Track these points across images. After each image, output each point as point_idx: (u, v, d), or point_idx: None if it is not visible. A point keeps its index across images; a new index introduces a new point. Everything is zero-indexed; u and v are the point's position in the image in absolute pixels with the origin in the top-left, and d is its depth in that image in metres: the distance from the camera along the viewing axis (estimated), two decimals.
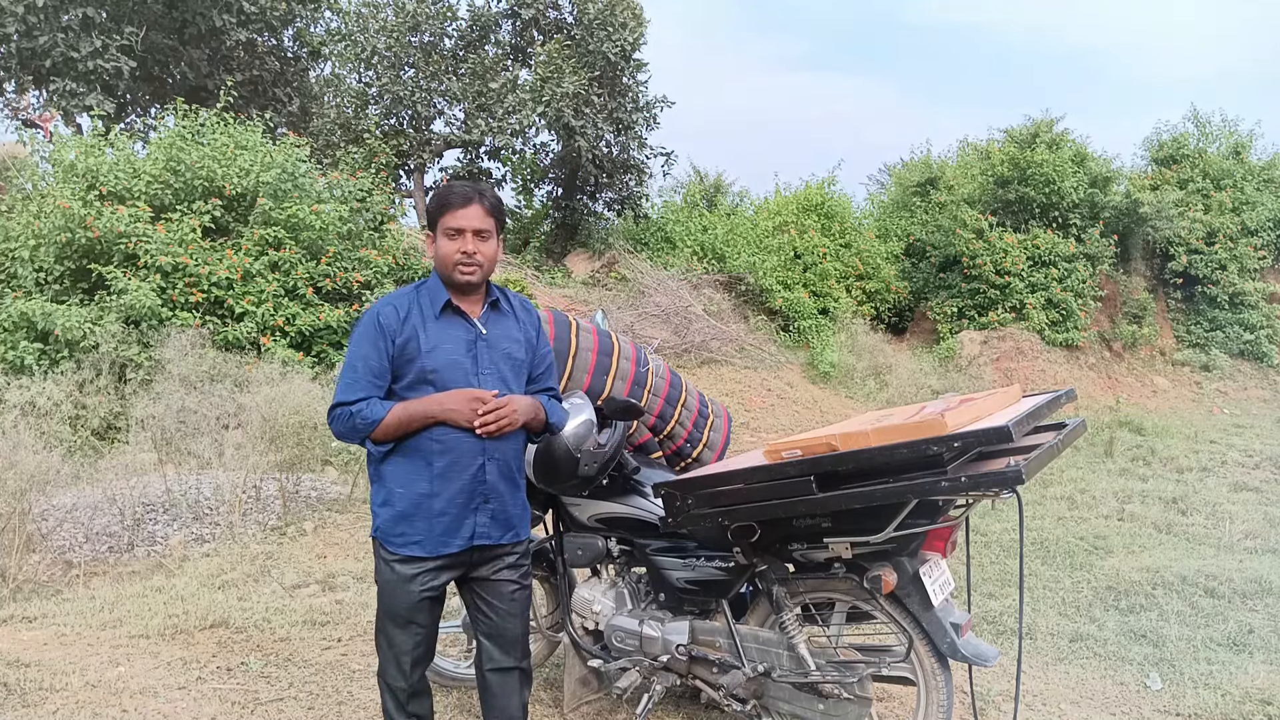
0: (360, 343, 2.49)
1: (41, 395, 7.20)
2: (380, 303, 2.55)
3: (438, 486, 2.47)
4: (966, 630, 2.78)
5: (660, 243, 14.32)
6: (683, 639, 3.05)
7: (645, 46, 14.26)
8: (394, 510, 2.51)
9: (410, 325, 2.48)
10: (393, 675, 2.61)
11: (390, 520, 2.52)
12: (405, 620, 2.56)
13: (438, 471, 2.47)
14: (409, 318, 2.49)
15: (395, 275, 10.56)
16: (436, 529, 2.50)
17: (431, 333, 2.49)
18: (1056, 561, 5.65)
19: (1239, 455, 9.52)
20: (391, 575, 2.53)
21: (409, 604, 2.54)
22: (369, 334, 2.48)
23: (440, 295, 2.52)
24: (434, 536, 2.50)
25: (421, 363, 2.46)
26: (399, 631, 2.57)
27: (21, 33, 12.31)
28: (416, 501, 2.49)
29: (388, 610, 2.57)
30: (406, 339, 2.47)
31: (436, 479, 2.47)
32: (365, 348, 2.48)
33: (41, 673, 3.73)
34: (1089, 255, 14.84)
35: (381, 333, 2.47)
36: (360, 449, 7.08)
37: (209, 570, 5.22)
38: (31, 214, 8.95)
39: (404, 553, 2.51)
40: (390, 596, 2.55)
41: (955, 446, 2.40)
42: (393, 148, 13.60)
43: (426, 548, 2.51)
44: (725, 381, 10.58)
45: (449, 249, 2.48)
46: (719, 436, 3.58)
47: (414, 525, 2.50)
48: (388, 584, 2.55)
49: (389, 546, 2.53)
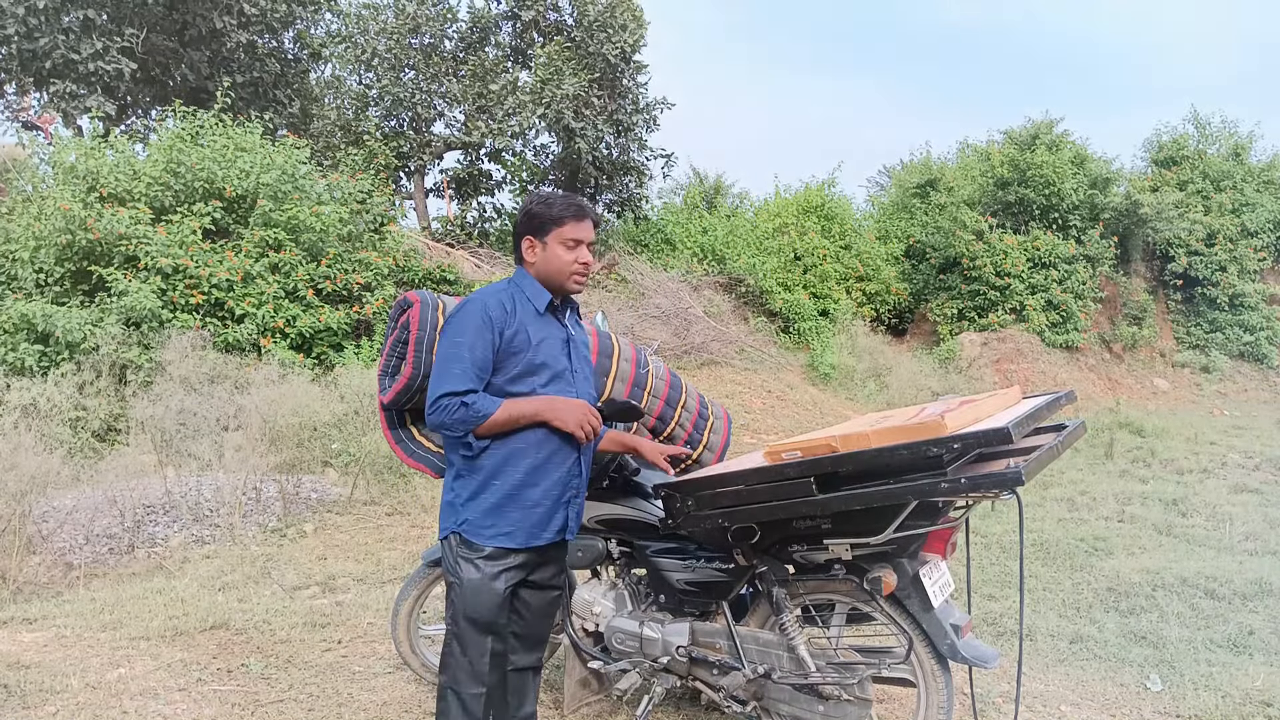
0: (466, 333, 2.42)
1: (42, 397, 7.20)
2: (483, 295, 2.50)
3: (537, 477, 2.48)
4: (966, 632, 2.78)
5: (660, 244, 14.33)
6: (683, 640, 3.05)
7: (645, 48, 14.30)
8: (487, 501, 2.46)
9: (519, 319, 2.48)
10: (468, 683, 2.50)
11: (482, 512, 2.46)
12: (488, 621, 2.49)
13: (538, 462, 2.48)
14: (515, 312, 2.48)
15: (395, 277, 10.57)
16: (530, 519, 2.48)
17: (537, 328, 2.51)
18: (1056, 563, 5.64)
19: (1239, 457, 9.51)
20: (475, 574, 2.46)
21: (494, 602, 2.48)
22: (475, 325, 2.42)
23: (543, 295, 2.54)
24: (527, 527, 2.48)
25: (530, 356, 2.47)
26: (479, 635, 2.49)
27: (22, 34, 12.32)
28: (512, 492, 2.46)
29: (469, 613, 2.48)
30: (515, 332, 2.46)
31: (536, 470, 2.48)
32: (472, 338, 2.42)
33: (42, 674, 3.73)
34: (1089, 257, 14.86)
35: (490, 325, 2.43)
36: (359, 451, 7.09)
37: (209, 572, 5.22)
38: (32, 216, 8.95)
39: (494, 545, 2.46)
40: (474, 596, 2.47)
41: (955, 448, 2.40)
42: (393, 149, 13.62)
43: (518, 539, 2.48)
44: (725, 383, 10.58)
45: (567, 258, 2.51)
46: (719, 438, 3.57)
47: (507, 516, 2.46)
48: (471, 584, 2.47)
49: (477, 540, 2.47)
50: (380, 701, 3.58)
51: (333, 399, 7.67)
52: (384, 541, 5.88)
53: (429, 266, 11.35)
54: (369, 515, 6.43)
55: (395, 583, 5.02)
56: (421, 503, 6.69)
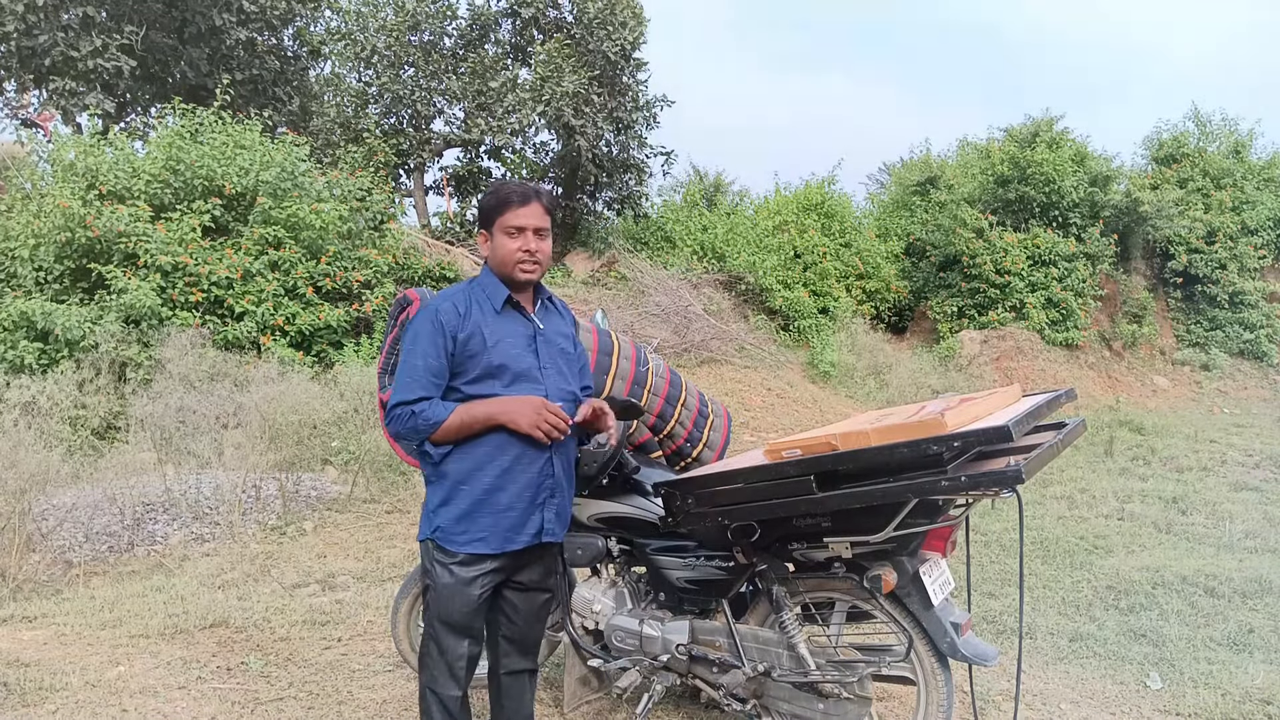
0: (419, 340, 2.41)
1: (42, 395, 7.20)
2: (436, 300, 2.48)
3: (504, 480, 2.43)
4: (966, 630, 2.78)
5: (660, 242, 14.31)
6: (683, 638, 3.05)
7: (645, 45, 14.27)
8: (458, 508, 2.43)
9: (472, 321, 2.43)
10: (445, 684, 2.50)
11: (452, 519, 2.44)
12: (464, 625, 2.48)
13: (505, 465, 2.43)
14: (470, 314, 2.44)
15: (395, 274, 10.56)
16: (503, 524, 2.45)
17: (494, 328, 2.45)
18: (1056, 561, 5.65)
19: (1239, 454, 9.51)
20: (449, 579, 2.45)
21: (469, 608, 2.46)
22: (427, 332, 2.41)
23: (500, 291, 2.49)
24: (500, 532, 2.45)
25: (487, 358, 2.42)
26: (455, 638, 2.49)
27: (21, 31, 12.30)
28: (480, 498, 2.42)
29: (443, 617, 2.47)
30: (469, 335, 2.42)
31: (504, 474, 2.43)
32: (424, 345, 2.40)
33: (41, 672, 3.73)
34: (1089, 254, 14.85)
35: (441, 331, 2.40)
36: (359, 448, 7.09)
37: (209, 570, 5.22)
38: (31, 213, 8.94)
39: (467, 551, 2.44)
40: (448, 601, 2.46)
41: (955, 446, 2.40)
42: (392, 147, 13.61)
43: (492, 544, 2.44)
44: (725, 381, 10.58)
45: (510, 247, 2.45)
46: (719, 436, 3.57)
47: (478, 522, 2.43)
48: (445, 588, 2.45)
49: (450, 546, 2.45)
50: (380, 699, 3.58)
51: (332, 397, 7.67)
52: (383, 539, 5.88)
53: (428, 264, 11.35)
54: (369, 513, 6.43)
55: (395, 580, 5.02)
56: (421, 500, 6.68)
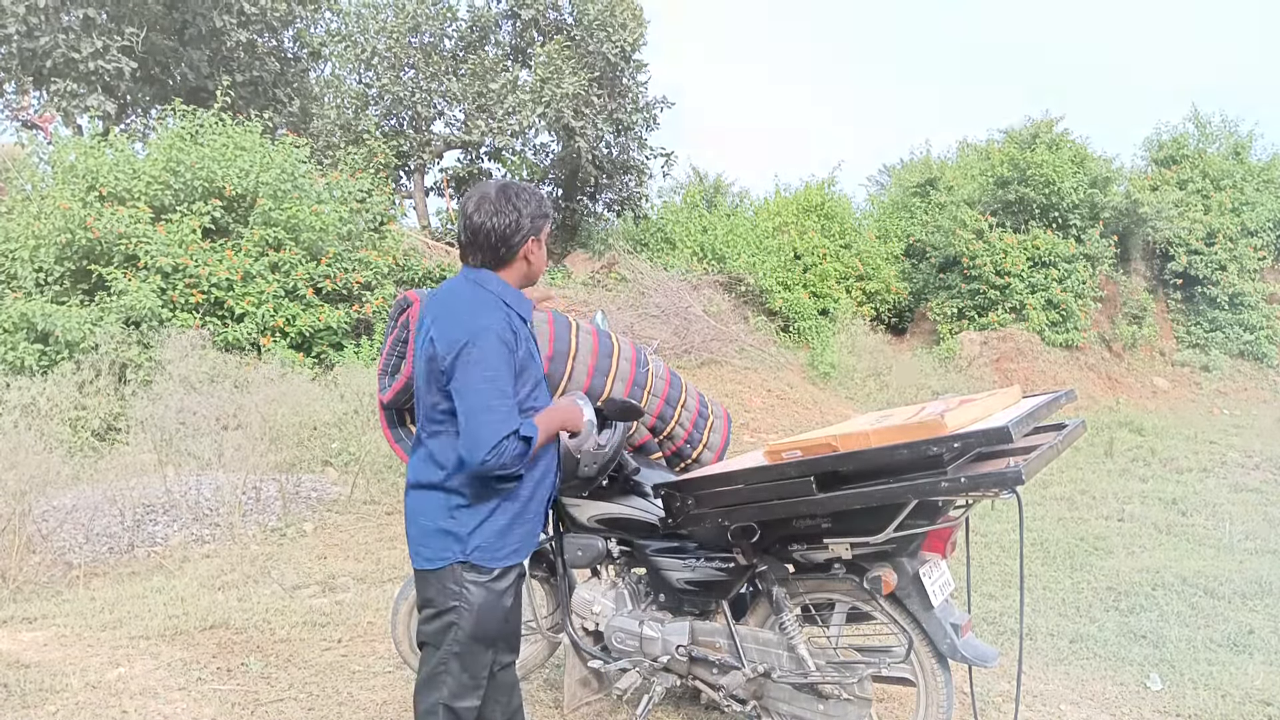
0: (496, 365, 2.29)
1: (42, 396, 7.20)
2: (490, 320, 2.32)
3: (537, 489, 2.48)
4: (966, 631, 2.78)
5: (660, 243, 14.32)
6: (683, 640, 3.05)
7: (645, 47, 14.29)
8: (497, 524, 2.39)
9: (523, 335, 2.41)
10: (467, 697, 2.47)
11: (494, 535, 2.38)
12: (495, 636, 2.47)
13: (539, 475, 2.47)
14: (518, 329, 2.38)
15: (395, 276, 10.57)
16: (532, 531, 2.50)
17: (529, 340, 2.46)
18: (1056, 562, 5.64)
19: (1239, 456, 9.52)
20: (484, 596, 2.39)
21: (501, 617, 2.45)
22: (501, 354, 2.30)
23: (526, 302, 2.46)
24: (530, 539, 2.49)
25: (535, 371, 2.45)
26: (485, 650, 2.45)
27: (22, 33, 12.32)
28: (519, 511, 2.43)
29: (477, 633, 2.41)
30: (528, 349, 2.41)
31: (538, 484, 2.47)
32: (502, 369, 2.30)
33: (41, 674, 3.73)
34: (1089, 256, 14.84)
35: (511, 351, 2.33)
36: (359, 450, 7.09)
37: (209, 571, 5.22)
38: (31, 215, 8.95)
39: (504, 564, 2.42)
40: (484, 617, 2.41)
41: (955, 447, 2.40)
42: (393, 148, 13.62)
43: (523, 553, 2.48)
44: (725, 382, 10.57)
45: (544, 258, 2.49)
46: (719, 437, 3.57)
47: (514, 534, 2.43)
48: (481, 607, 2.39)
49: (487, 563, 2.39)
50: (380, 700, 3.58)
51: (332, 398, 7.67)
52: (384, 540, 5.87)
53: (429, 265, 11.37)
54: (369, 514, 6.43)
55: (395, 582, 5.02)
56: None
